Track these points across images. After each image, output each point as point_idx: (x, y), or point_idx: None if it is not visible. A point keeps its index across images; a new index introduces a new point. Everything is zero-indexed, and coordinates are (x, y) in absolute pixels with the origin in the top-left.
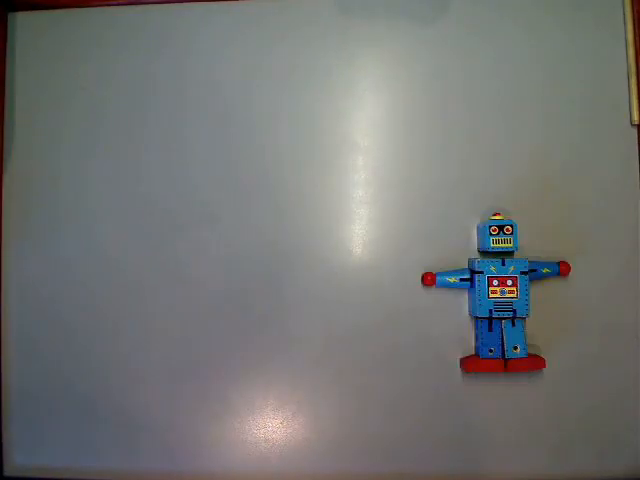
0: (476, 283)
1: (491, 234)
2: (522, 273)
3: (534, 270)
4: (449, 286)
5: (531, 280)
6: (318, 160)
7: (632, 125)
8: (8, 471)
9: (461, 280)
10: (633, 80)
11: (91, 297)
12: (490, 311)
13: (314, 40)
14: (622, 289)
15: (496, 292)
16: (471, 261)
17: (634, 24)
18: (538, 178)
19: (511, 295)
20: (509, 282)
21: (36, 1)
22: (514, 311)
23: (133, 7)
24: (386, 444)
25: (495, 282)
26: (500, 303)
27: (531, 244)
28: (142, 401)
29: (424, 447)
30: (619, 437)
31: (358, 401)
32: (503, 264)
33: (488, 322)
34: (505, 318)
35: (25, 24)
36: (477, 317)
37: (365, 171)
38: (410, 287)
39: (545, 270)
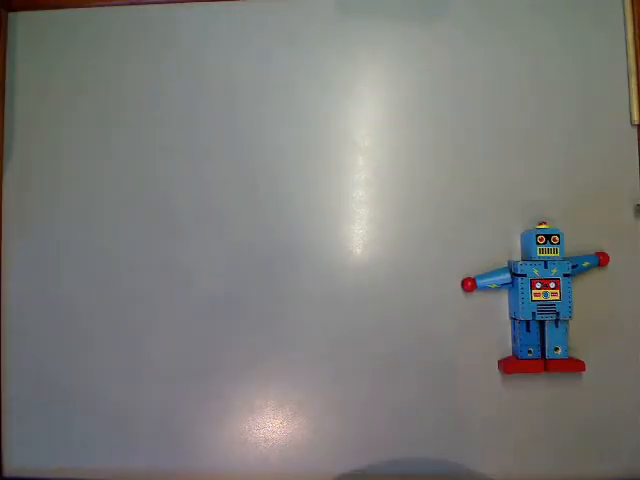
0: (519, 286)
1: (538, 243)
2: (565, 275)
3: (575, 266)
4: (487, 288)
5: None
6: (319, 160)
7: (632, 125)
8: (8, 472)
9: (503, 285)
10: (633, 80)
11: (90, 297)
12: (533, 313)
13: (315, 41)
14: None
15: (539, 294)
16: (512, 264)
17: (634, 24)
18: (537, 178)
19: (554, 297)
20: (552, 284)
21: (36, 1)
22: (557, 313)
23: (134, 7)
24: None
25: (538, 285)
26: (543, 305)
27: None
28: (142, 402)
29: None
30: None
31: (358, 401)
32: (545, 267)
33: (526, 323)
34: (548, 320)
35: (25, 24)
36: (519, 319)
37: (366, 171)
38: (410, 287)
39: (586, 264)
